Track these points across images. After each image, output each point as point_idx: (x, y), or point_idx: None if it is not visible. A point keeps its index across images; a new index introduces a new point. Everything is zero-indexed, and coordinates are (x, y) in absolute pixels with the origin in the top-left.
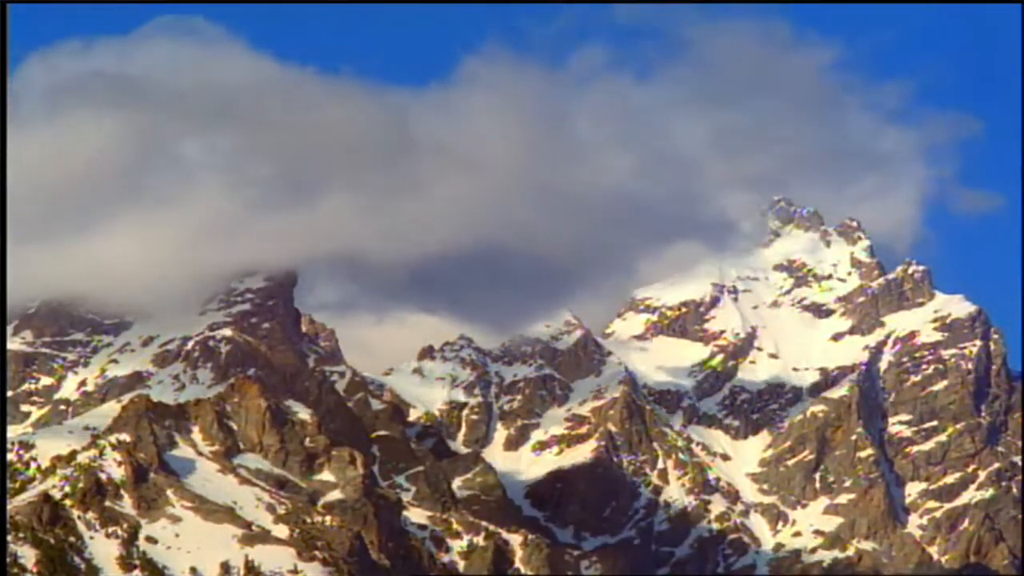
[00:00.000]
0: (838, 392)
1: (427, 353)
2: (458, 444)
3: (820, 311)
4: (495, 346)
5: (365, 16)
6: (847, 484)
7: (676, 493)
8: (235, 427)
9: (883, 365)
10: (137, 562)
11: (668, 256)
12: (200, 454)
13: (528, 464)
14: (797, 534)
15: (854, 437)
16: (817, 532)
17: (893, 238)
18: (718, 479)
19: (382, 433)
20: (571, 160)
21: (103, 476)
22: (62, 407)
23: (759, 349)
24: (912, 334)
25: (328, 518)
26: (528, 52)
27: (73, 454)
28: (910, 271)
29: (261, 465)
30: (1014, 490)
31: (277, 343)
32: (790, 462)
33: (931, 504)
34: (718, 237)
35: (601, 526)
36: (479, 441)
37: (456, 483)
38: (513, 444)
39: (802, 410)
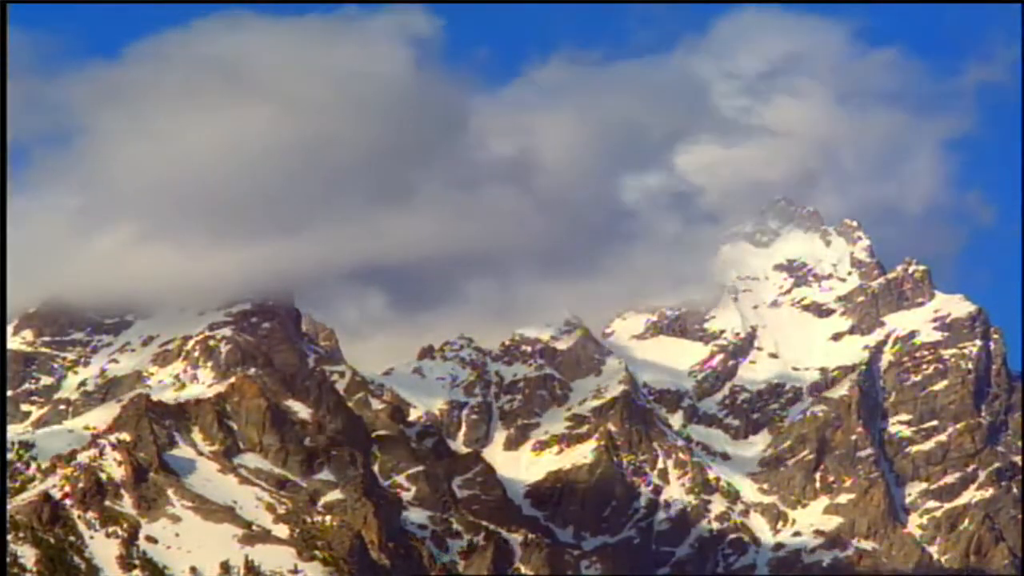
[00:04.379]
0: (838, 392)
1: (427, 353)
2: (458, 444)
3: (820, 311)
4: (495, 346)
5: None
6: (847, 484)
7: (676, 493)
8: (235, 427)
9: (883, 365)
10: (137, 562)
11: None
12: (200, 454)
13: (528, 464)
14: (797, 534)
15: (854, 437)
16: (817, 532)
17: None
18: (718, 479)
19: (382, 433)
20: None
21: (103, 476)
22: (62, 407)
23: (759, 349)
24: (912, 334)
25: (328, 518)
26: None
27: (73, 454)
28: (910, 271)
29: (261, 465)
30: (1014, 490)
31: (277, 343)
32: (790, 462)
33: (931, 504)
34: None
35: (601, 526)
36: (479, 441)
37: (456, 483)
38: (513, 444)
39: (802, 410)
